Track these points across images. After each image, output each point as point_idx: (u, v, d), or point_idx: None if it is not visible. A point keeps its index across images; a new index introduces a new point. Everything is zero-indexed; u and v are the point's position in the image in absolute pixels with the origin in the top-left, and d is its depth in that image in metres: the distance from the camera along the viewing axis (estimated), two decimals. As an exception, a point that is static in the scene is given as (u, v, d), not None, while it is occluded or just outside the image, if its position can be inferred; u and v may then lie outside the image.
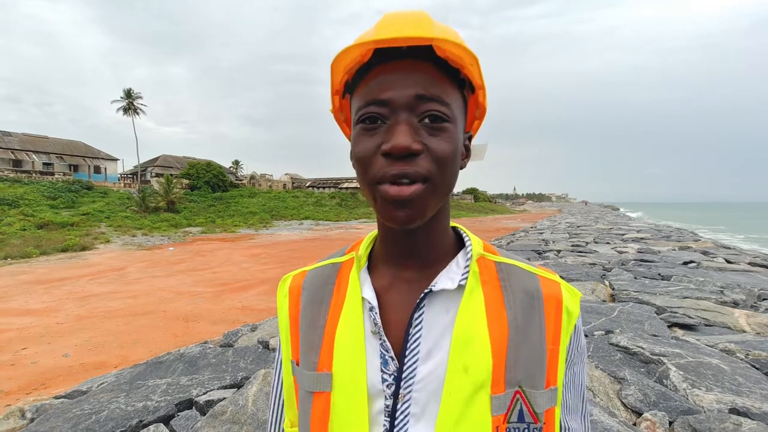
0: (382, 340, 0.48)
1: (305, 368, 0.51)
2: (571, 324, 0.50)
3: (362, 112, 0.43)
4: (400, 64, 0.42)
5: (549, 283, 0.50)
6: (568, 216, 34.34)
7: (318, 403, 0.48)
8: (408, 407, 0.46)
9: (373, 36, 0.40)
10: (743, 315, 3.50)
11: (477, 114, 0.51)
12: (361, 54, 0.42)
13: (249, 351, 3.16)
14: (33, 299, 7.89)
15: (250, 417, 2.13)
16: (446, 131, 0.43)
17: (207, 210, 30.09)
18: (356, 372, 0.47)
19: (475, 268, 0.49)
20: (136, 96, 41.51)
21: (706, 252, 8.05)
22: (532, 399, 0.46)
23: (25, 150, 36.97)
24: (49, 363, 4.77)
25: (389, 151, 0.41)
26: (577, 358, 0.52)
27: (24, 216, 19.63)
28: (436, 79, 0.42)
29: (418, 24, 0.41)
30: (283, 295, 0.57)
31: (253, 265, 11.79)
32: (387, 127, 0.42)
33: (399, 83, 0.42)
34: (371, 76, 0.43)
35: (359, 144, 0.44)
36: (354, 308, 0.50)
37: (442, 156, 0.42)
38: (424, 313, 0.48)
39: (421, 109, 0.42)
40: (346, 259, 0.55)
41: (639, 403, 2.04)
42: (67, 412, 2.30)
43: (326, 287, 0.53)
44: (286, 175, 60.02)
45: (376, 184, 0.43)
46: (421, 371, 0.46)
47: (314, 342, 0.51)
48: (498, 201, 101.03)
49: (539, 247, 9.32)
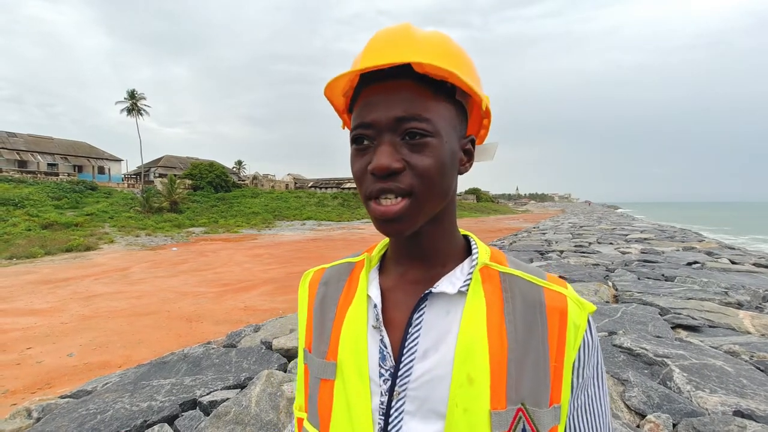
0: (381, 336, 0.49)
1: (316, 356, 0.54)
2: (578, 339, 0.48)
3: (353, 134, 0.47)
4: (384, 86, 0.45)
5: (554, 295, 0.49)
6: (571, 216, 34.21)
7: (324, 389, 0.52)
8: (403, 404, 0.47)
9: (359, 63, 0.45)
10: (748, 316, 3.48)
11: (483, 114, 0.52)
12: (350, 79, 0.47)
13: (252, 351, 3.17)
14: (38, 299, 7.95)
15: (253, 418, 2.13)
16: (428, 146, 0.44)
17: (210, 210, 30.21)
18: (359, 363, 0.49)
19: (477, 277, 0.50)
20: (139, 97, 41.71)
21: (711, 252, 8.00)
22: (536, 418, 0.45)
23: (30, 151, 37.22)
24: (54, 362, 4.80)
25: (373, 171, 0.44)
26: (591, 379, 0.49)
27: (29, 216, 19.76)
28: (418, 96, 0.44)
29: (398, 48, 0.44)
30: (304, 289, 0.62)
31: (255, 265, 11.82)
32: (374, 148, 0.46)
33: (381, 106, 0.45)
34: (361, 98, 0.47)
35: (354, 164, 0.48)
36: (360, 304, 0.53)
37: (424, 170, 0.44)
38: (424, 314, 0.49)
39: (402, 127, 0.44)
40: (359, 259, 0.58)
41: (642, 405, 2.03)
42: (72, 411, 2.32)
43: (339, 283, 0.57)
44: (288, 176, 60.13)
45: (368, 200, 0.47)
46: (417, 370, 0.47)
47: (324, 332, 0.54)
48: (500, 201, 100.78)
49: (542, 248, 9.30)
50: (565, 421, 0.47)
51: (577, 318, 0.48)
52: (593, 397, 0.50)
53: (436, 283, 0.50)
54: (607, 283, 4.94)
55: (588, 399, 0.49)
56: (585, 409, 0.49)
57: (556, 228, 17.79)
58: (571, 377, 0.47)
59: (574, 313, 0.48)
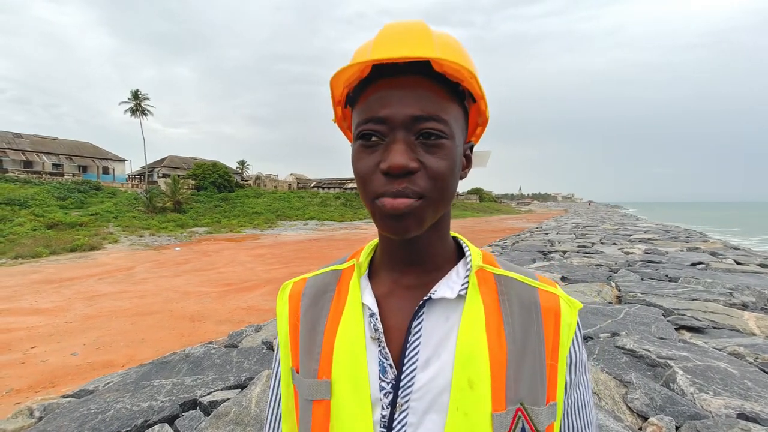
0: (381, 347, 0.47)
1: (305, 376, 0.50)
2: (570, 337, 0.49)
3: (361, 129, 0.44)
4: (398, 81, 0.42)
5: (547, 296, 0.50)
6: (574, 216, 34.06)
7: (318, 411, 0.48)
8: (405, 417, 0.45)
9: (371, 53, 0.41)
10: (753, 318, 3.44)
11: (479, 121, 0.51)
12: (360, 69, 0.43)
13: (253, 352, 3.17)
14: (42, 298, 8.00)
15: (253, 418, 2.13)
16: (443, 148, 0.43)
17: (213, 210, 30.34)
18: (358, 379, 0.47)
19: (474, 280, 0.49)
20: (143, 97, 41.95)
21: (715, 253, 7.93)
22: (534, 416, 0.45)
23: (35, 151, 37.52)
24: (58, 362, 4.84)
25: (386, 171, 0.42)
26: (581, 375, 0.51)
27: (34, 216, 19.93)
28: (435, 96, 0.42)
29: (417, 41, 0.41)
30: (283, 303, 0.57)
31: (258, 265, 11.86)
32: (385, 145, 0.43)
33: (396, 101, 0.42)
34: (370, 92, 0.44)
35: (359, 161, 0.45)
36: (354, 314, 0.49)
37: (439, 173, 0.43)
38: (423, 321, 0.47)
39: (418, 126, 0.42)
40: (346, 267, 0.55)
41: (645, 407, 2.01)
42: (74, 411, 2.33)
43: (326, 294, 0.53)
44: (291, 176, 60.27)
45: (375, 199, 0.44)
46: (419, 379, 0.45)
47: (314, 349, 0.50)
48: (503, 201, 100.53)
49: (545, 248, 9.26)
50: (560, 417, 0.48)
51: (569, 316, 0.49)
52: (584, 392, 0.51)
53: (432, 288, 0.48)
54: (610, 284, 4.91)
55: (580, 395, 0.50)
56: (578, 405, 0.50)
57: (559, 228, 17.71)
58: (566, 374, 0.48)
59: (566, 312, 0.50)
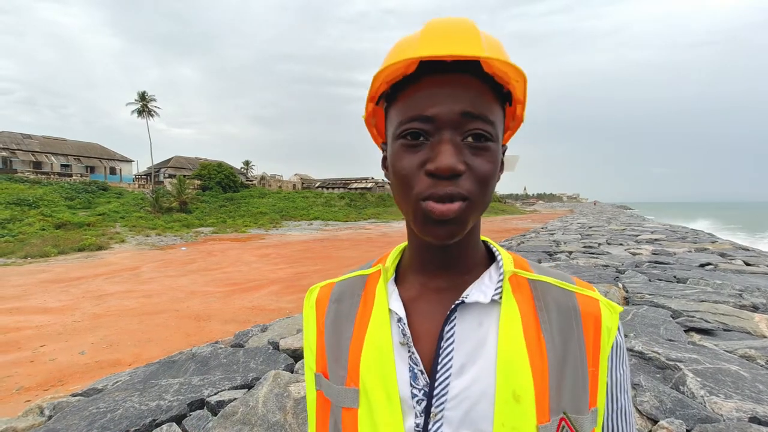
0: (411, 353, 0.46)
1: (334, 382, 0.50)
2: (610, 341, 0.47)
3: (405, 127, 0.42)
4: (445, 79, 0.41)
5: (587, 300, 0.48)
6: (580, 216, 33.81)
7: (347, 418, 0.48)
8: (440, 426, 0.44)
9: (418, 50, 0.39)
10: (764, 319, 3.39)
11: (511, 125, 0.51)
12: (405, 65, 0.41)
13: (259, 351, 3.18)
14: (51, 298, 8.10)
15: (260, 418, 2.14)
16: (489, 150, 0.42)
17: (218, 210, 30.52)
18: (387, 386, 0.45)
19: (507, 286, 0.47)
20: (150, 98, 42.31)
21: (724, 254, 7.83)
22: (578, 425, 0.44)
23: (44, 152, 38.00)
24: (66, 360, 4.89)
25: (434, 172, 0.40)
26: (624, 382, 0.49)
27: (43, 216, 20.18)
28: (483, 96, 0.42)
29: (467, 40, 0.40)
30: (310, 307, 0.56)
31: (263, 265, 11.90)
32: (431, 145, 0.42)
33: (444, 99, 0.41)
34: (415, 90, 0.42)
35: (401, 160, 0.43)
36: (381, 320, 0.48)
37: (484, 176, 0.42)
38: (455, 326, 0.46)
39: (465, 127, 0.41)
40: (373, 271, 0.54)
41: (655, 410, 1.99)
42: (83, 410, 2.35)
43: (353, 299, 0.53)
44: (295, 176, 60.45)
45: (419, 201, 0.42)
46: (454, 387, 0.44)
47: (341, 356, 0.50)
48: (508, 201, 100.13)
49: (550, 248, 9.20)
50: (601, 422, 0.47)
51: (609, 321, 0.48)
52: (626, 396, 0.49)
53: (464, 291, 0.47)
54: (617, 285, 4.86)
55: (622, 398, 0.49)
56: (621, 409, 0.49)
57: (564, 228, 17.59)
58: (607, 379, 0.47)
59: (607, 317, 0.48)
